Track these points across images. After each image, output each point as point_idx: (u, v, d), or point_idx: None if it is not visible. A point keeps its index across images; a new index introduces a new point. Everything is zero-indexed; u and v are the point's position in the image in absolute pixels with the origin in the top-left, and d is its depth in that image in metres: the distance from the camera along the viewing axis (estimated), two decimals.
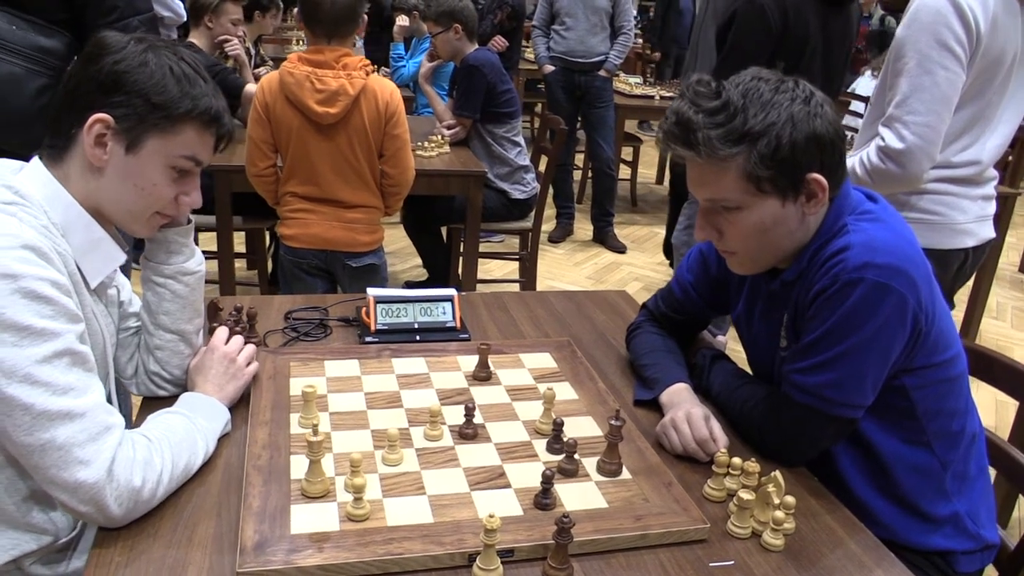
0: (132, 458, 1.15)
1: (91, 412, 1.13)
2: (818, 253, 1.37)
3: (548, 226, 5.52)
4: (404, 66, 5.40)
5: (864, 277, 1.28)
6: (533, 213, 4.05)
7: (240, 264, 4.42)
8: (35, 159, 1.28)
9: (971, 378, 1.54)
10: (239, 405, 1.47)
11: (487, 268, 4.86)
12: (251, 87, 3.48)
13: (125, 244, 1.37)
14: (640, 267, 5.16)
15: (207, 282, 1.56)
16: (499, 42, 5.29)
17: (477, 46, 3.90)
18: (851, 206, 1.40)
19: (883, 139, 2.08)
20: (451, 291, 1.85)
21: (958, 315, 4.03)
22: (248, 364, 1.50)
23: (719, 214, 1.38)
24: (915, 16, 2.03)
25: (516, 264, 4.57)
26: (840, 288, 1.30)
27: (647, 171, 7.40)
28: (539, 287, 4.38)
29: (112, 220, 1.31)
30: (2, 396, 1.08)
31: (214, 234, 3.47)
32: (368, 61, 2.72)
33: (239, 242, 4.19)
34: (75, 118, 1.23)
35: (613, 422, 1.30)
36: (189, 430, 1.28)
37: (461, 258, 3.88)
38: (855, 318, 1.30)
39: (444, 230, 4.30)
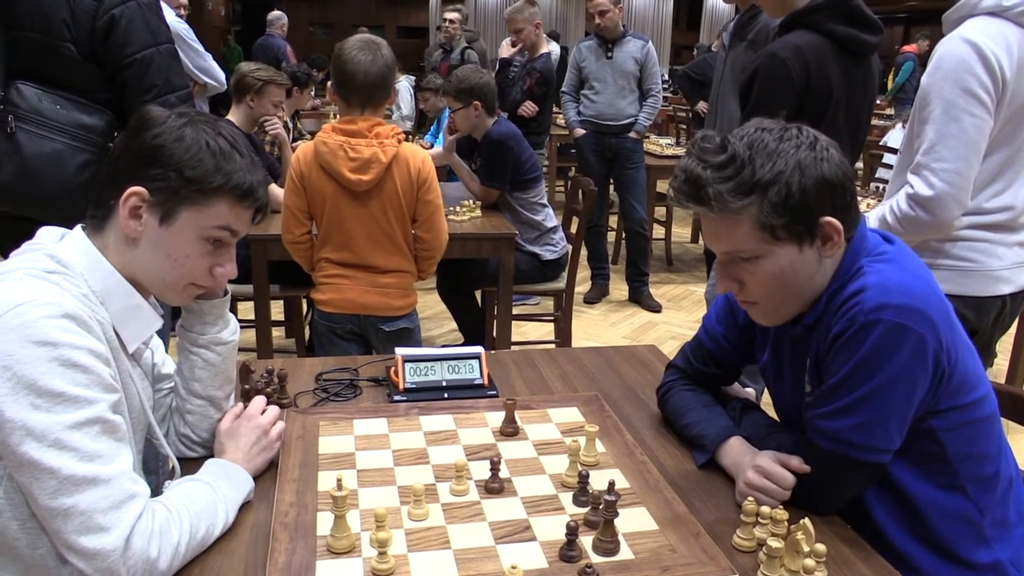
0: (150, 529, 1.16)
1: (116, 479, 1.15)
2: (835, 296, 1.36)
3: (583, 288, 5.54)
4: (434, 144, 5.56)
5: (881, 318, 1.27)
6: (565, 273, 4.07)
7: (278, 333, 4.48)
8: (77, 228, 1.33)
9: (1013, 424, 1.50)
10: (267, 465, 1.48)
11: (523, 330, 4.88)
12: (278, 190, 3.54)
13: (161, 309, 1.41)
14: (676, 325, 5.14)
15: (244, 350, 1.59)
16: (529, 107, 5.39)
17: (496, 118, 3.96)
18: (868, 248, 1.40)
19: (912, 187, 2.08)
20: (478, 349, 1.86)
21: (1002, 364, 3.94)
22: (279, 439, 1.51)
23: (737, 265, 1.38)
24: (939, 64, 2.05)
25: (551, 326, 4.59)
26: (857, 331, 1.29)
27: (681, 230, 7.41)
28: (574, 347, 4.37)
29: (148, 289, 1.35)
30: (31, 459, 1.10)
31: (252, 303, 3.54)
32: (400, 130, 2.79)
33: (277, 311, 4.25)
34: (114, 190, 1.29)
35: (607, 497, 1.24)
36: (211, 500, 1.28)
37: (495, 320, 3.90)
38: (874, 360, 1.28)
39: (479, 294, 4.34)
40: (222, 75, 4.04)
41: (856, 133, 2.70)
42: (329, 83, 2.85)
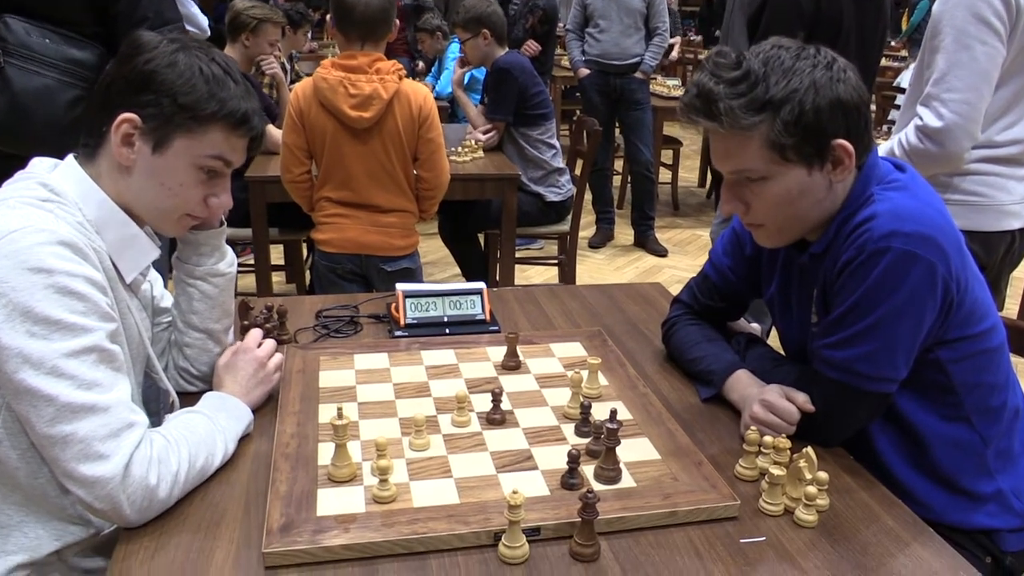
0: (149, 456, 1.17)
1: (114, 408, 1.15)
2: (845, 223, 1.35)
3: (588, 232, 5.53)
4: (435, 86, 5.53)
5: (891, 246, 1.26)
6: (570, 216, 4.06)
7: (278, 278, 4.48)
8: (69, 157, 1.32)
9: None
10: (267, 400, 1.49)
11: (526, 275, 4.88)
12: (275, 131, 3.47)
13: (158, 239, 1.40)
14: (682, 270, 5.13)
15: (244, 295, 1.58)
16: (531, 46, 5.33)
17: (507, 50, 3.93)
18: (879, 175, 1.38)
19: (921, 118, 2.05)
20: (480, 284, 1.86)
21: (1012, 303, 3.93)
22: (276, 371, 1.52)
23: (744, 186, 1.37)
24: None
25: (556, 270, 4.58)
26: (867, 258, 1.28)
27: (688, 174, 7.37)
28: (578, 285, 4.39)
29: (142, 218, 1.34)
30: (28, 386, 1.11)
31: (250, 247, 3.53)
32: (401, 66, 2.76)
33: (276, 256, 4.25)
34: (106, 117, 1.27)
35: (609, 425, 1.24)
36: (210, 430, 1.29)
37: (498, 264, 3.90)
38: (883, 288, 1.28)
39: (482, 237, 4.33)
40: (205, 21, 4.00)
41: (867, 67, 2.67)
42: (328, 17, 2.81)
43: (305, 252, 4.36)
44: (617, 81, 5.25)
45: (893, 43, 10.20)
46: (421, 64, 6.43)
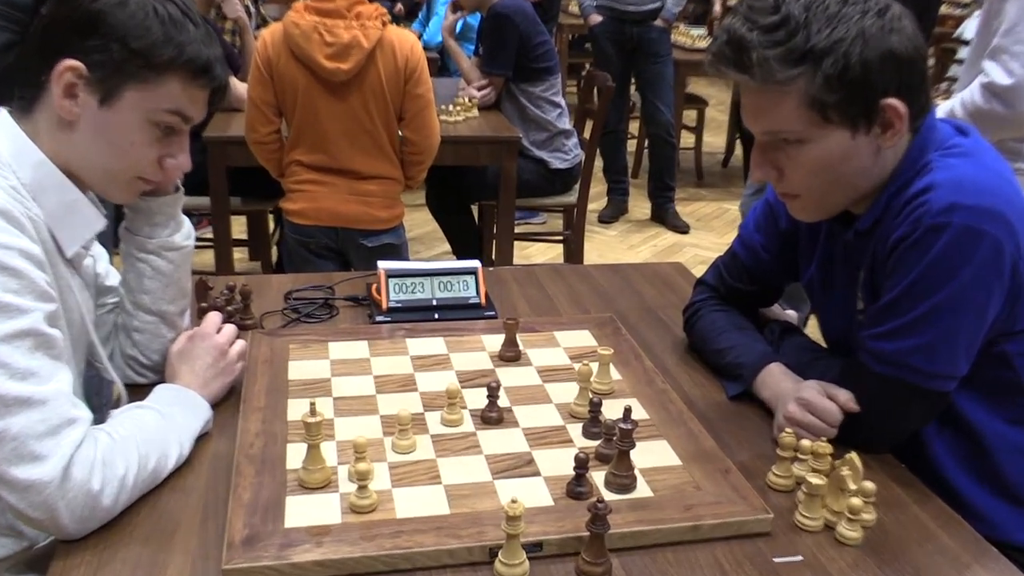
0: (92, 458, 1.16)
1: (53, 401, 1.14)
2: (897, 196, 1.34)
3: (598, 204, 5.53)
4: (422, 34, 5.52)
5: (951, 221, 1.25)
6: (577, 185, 4.05)
7: (240, 254, 4.48)
8: (2, 111, 1.30)
9: None
10: (229, 393, 1.48)
11: (526, 253, 4.88)
12: (239, 85, 3.47)
13: (104, 208, 1.39)
14: (706, 248, 5.13)
15: (201, 273, 1.57)
16: None
17: None
18: (937, 140, 1.37)
19: (988, 74, 2.05)
20: (474, 263, 1.86)
21: None
22: (239, 360, 1.52)
23: (779, 149, 1.36)
24: None
25: (560, 247, 4.58)
26: (923, 235, 1.27)
27: (714, 139, 7.35)
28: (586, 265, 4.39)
29: (87, 183, 1.33)
30: None
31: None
32: (385, 10, 2.74)
33: (239, 229, 4.24)
34: (44, 65, 1.25)
35: (622, 425, 1.23)
36: (162, 428, 1.28)
37: (495, 240, 3.89)
38: (942, 269, 1.27)
39: (475, 209, 4.32)
40: None
41: (924, 15, 2.65)
42: None
43: (272, 224, 4.36)
44: (634, 30, 5.22)
45: None
46: (400, 6, 6.41)
